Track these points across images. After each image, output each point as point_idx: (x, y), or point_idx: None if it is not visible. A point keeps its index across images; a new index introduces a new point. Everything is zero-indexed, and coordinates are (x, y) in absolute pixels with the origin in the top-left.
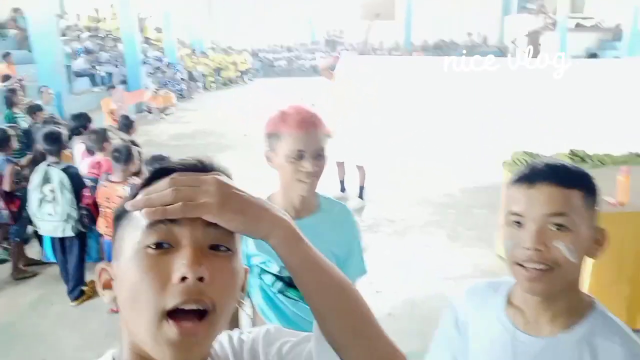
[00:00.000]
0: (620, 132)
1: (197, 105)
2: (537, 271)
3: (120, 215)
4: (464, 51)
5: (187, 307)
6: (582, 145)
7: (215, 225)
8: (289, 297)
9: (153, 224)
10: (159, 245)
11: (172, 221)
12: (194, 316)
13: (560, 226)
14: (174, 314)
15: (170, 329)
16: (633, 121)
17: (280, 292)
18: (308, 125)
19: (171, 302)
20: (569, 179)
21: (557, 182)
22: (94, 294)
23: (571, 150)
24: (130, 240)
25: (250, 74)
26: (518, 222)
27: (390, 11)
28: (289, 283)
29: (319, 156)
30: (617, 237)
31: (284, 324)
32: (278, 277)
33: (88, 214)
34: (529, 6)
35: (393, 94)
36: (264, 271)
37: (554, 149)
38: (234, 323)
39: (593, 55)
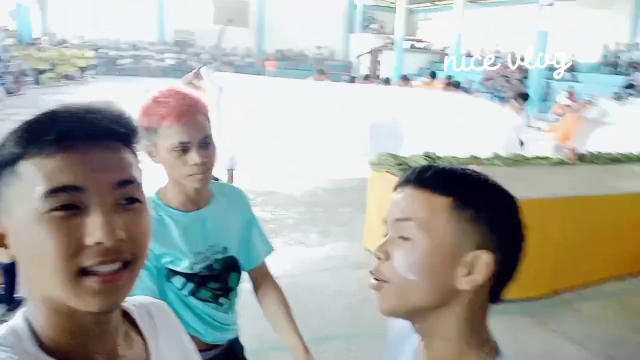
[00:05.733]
0: (460, 141)
1: (30, 102)
2: (374, 283)
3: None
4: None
5: (107, 267)
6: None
7: (125, 181)
8: (199, 299)
9: (53, 191)
10: (64, 207)
11: (76, 188)
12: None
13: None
14: (91, 269)
15: (91, 281)
16: (469, 132)
17: (192, 294)
18: (188, 114)
19: (87, 262)
20: (438, 181)
21: (421, 185)
22: None
23: (425, 152)
24: (26, 203)
25: (91, 70)
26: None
27: (244, 18)
28: (199, 283)
29: (206, 144)
30: None
31: (200, 324)
32: (188, 278)
33: None
34: (371, 26)
35: (261, 107)
36: (172, 273)
37: (411, 152)
38: None
39: (433, 74)
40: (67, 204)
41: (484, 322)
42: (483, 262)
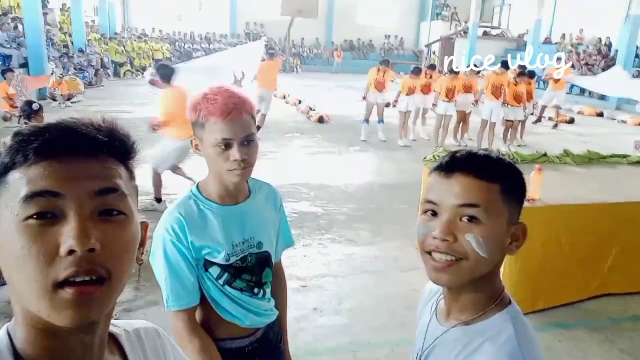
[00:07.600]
0: None
1: (108, 93)
2: (444, 262)
3: None
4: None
5: (79, 279)
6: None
7: (105, 190)
8: (235, 288)
9: (31, 197)
10: (41, 215)
11: (54, 194)
12: (89, 281)
13: (472, 218)
14: (67, 281)
15: (66, 292)
16: None
17: (227, 283)
18: (233, 112)
19: (62, 274)
20: (487, 171)
21: (474, 174)
22: None
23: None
24: (8, 210)
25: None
26: (433, 211)
27: (313, 9)
28: (233, 274)
29: (248, 142)
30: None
31: (238, 309)
32: (223, 269)
33: None
34: (443, 13)
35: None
36: (209, 264)
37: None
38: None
39: (505, 63)
40: (45, 212)
41: (498, 274)
42: (523, 230)
